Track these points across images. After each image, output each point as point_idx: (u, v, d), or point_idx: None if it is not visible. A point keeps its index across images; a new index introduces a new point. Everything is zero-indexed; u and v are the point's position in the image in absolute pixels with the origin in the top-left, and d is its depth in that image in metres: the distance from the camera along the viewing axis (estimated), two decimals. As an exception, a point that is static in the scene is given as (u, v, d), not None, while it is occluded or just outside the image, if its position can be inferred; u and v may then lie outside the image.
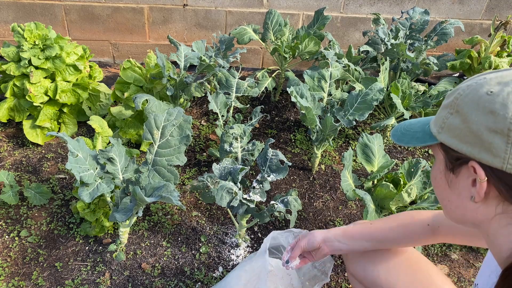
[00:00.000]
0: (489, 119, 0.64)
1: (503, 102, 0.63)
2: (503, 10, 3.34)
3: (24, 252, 1.94)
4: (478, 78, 0.71)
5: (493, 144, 0.64)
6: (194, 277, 1.90)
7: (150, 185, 1.74)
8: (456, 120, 0.69)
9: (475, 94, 0.67)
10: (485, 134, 0.65)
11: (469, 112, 0.67)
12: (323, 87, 2.44)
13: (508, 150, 0.63)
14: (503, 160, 0.63)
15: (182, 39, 3.22)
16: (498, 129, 0.63)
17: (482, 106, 0.65)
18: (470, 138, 0.67)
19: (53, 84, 2.41)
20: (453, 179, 0.74)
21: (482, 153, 0.66)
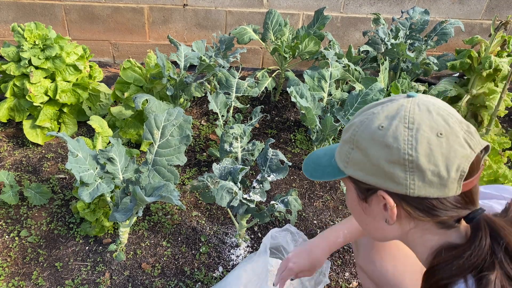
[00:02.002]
0: (386, 152, 0.70)
1: (394, 135, 0.69)
2: (503, 10, 3.34)
3: (24, 252, 1.94)
4: (368, 112, 0.75)
5: (394, 174, 0.70)
6: (194, 277, 1.90)
7: (150, 185, 1.74)
8: (357, 155, 0.74)
9: (369, 130, 0.73)
10: (385, 166, 0.70)
11: (367, 147, 0.72)
12: (323, 87, 2.44)
13: (408, 177, 0.69)
14: (406, 187, 0.70)
15: (182, 39, 3.22)
16: (395, 160, 0.69)
17: (377, 141, 0.71)
18: (374, 171, 0.72)
19: (53, 84, 2.41)
20: (367, 207, 0.79)
21: (387, 183, 0.71)
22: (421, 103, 0.71)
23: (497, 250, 0.69)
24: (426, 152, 0.68)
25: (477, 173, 0.72)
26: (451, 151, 0.68)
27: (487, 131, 2.67)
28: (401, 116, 0.70)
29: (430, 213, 0.72)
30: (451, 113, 0.71)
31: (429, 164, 0.68)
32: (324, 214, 2.26)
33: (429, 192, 0.69)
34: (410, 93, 0.75)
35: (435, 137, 0.68)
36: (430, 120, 0.69)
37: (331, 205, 2.33)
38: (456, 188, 0.70)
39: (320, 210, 2.29)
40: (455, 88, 2.84)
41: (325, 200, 2.35)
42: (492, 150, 2.10)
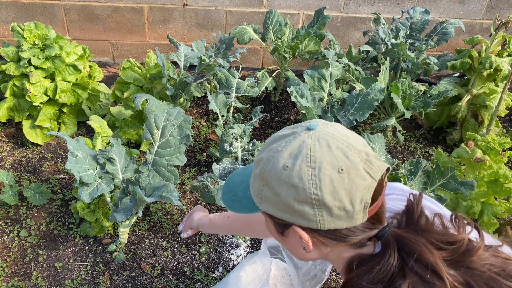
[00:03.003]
0: (293, 192, 0.72)
1: (299, 175, 0.71)
2: (504, 10, 3.34)
3: (24, 252, 1.94)
4: (273, 148, 0.76)
5: (304, 211, 0.72)
6: (194, 277, 1.90)
7: (150, 185, 1.74)
8: (268, 192, 0.76)
9: (275, 169, 0.74)
10: (295, 204, 0.73)
11: (276, 187, 0.74)
12: (323, 87, 2.43)
13: (317, 214, 0.72)
14: (316, 222, 0.73)
15: (182, 39, 3.22)
16: (303, 199, 0.71)
17: (284, 181, 0.73)
18: (285, 209, 0.74)
19: (52, 84, 2.41)
20: (285, 238, 0.83)
21: (299, 220, 0.74)
22: (321, 137, 0.73)
23: (407, 259, 0.73)
24: (330, 189, 0.70)
25: (381, 195, 0.76)
26: (353, 185, 0.71)
27: (487, 131, 2.67)
28: (303, 155, 0.72)
29: (342, 240, 0.76)
30: (351, 144, 0.73)
31: (334, 201, 0.71)
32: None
33: (338, 224, 0.73)
34: (310, 124, 0.76)
35: (337, 174, 0.70)
36: (331, 156, 0.71)
37: (331, 205, 2.32)
38: (363, 217, 0.73)
39: (320, 210, 2.28)
40: (456, 88, 2.84)
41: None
42: (493, 150, 2.09)
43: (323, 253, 0.82)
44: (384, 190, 0.77)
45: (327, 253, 0.82)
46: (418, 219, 0.78)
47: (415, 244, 0.73)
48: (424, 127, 3.02)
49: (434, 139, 2.95)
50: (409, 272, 0.72)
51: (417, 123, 3.08)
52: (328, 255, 0.83)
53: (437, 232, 0.76)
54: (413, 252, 0.73)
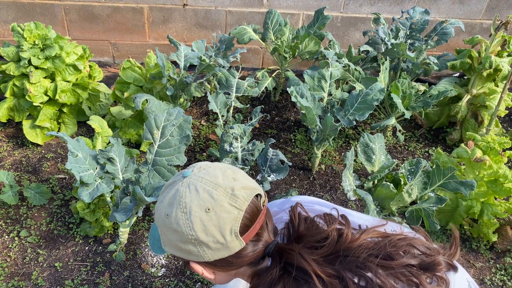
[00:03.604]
0: (176, 236, 0.82)
1: (176, 221, 0.81)
2: (504, 10, 3.34)
3: (24, 252, 1.94)
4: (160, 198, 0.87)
5: (189, 250, 0.82)
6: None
7: (150, 185, 1.74)
8: (164, 236, 0.86)
9: (161, 218, 0.84)
10: (181, 245, 0.83)
11: (165, 233, 0.85)
12: (323, 87, 2.43)
13: (200, 250, 0.81)
14: (203, 257, 0.82)
15: (182, 39, 3.22)
16: (185, 240, 0.81)
17: (168, 227, 0.83)
18: (177, 249, 0.84)
19: (52, 84, 2.41)
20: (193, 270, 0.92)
21: (190, 256, 0.84)
22: (191, 183, 0.83)
23: (288, 267, 0.83)
24: (201, 228, 0.80)
25: (258, 219, 0.84)
26: (220, 220, 0.80)
27: (487, 131, 2.67)
28: (177, 202, 0.81)
29: (233, 265, 0.86)
30: (217, 184, 0.82)
31: (208, 237, 0.80)
32: (324, 214, 2.26)
33: (220, 255, 0.82)
34: (185, 171, 0.86)
35: (205, 214, 0.80)
36: (198, 199, 0.80)
37: (331, 205, 2.32)
38: (239, 243, 0.82)
39: (320, 210, 2.28)
40: (455, 88, 2.84)
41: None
42: (493, 150, 2.10)
43: (231, 275, 0.93)
44: (263, 213, 0.86)
45: (234, 274, 0.92)
46: (298, 227, 0.88)
47: (290, 253, 0.83)
48: (424, 127, 3.03)
49: (434, 139, 2.96)
50: (286, 276, 0.82)
51: (417, 123, 3.08)
52: (237, 275, 0.93)
53: (312, 234, 0.85)
54: (290, 260, 0.83)
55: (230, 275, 0.93)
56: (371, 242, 0.81)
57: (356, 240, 0.81)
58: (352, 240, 0.81)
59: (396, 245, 0.80)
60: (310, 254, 0.82)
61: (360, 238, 0.81)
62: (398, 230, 0.87)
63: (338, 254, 0.81)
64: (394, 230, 0.87)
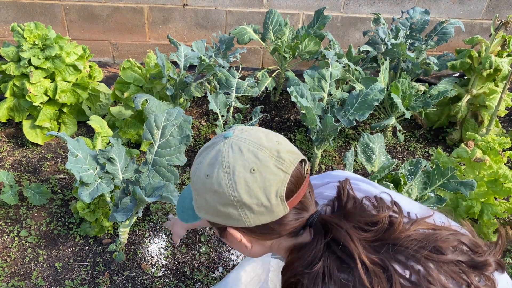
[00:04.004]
0: (217, 197, 0.79)
1: (217, 182, 0.78)
2: (504, 10, 3.34)
3: (24, 252, 1.94)
4: (197, 161, 0.84)
5: (230, 213, 0.79)
6: (194, 277, 1.90)
7: (150, 185, 1.74)
8: (200, 200, 0.83)
9: (200, 179, 0.81)
10: (221, 208, 0.79)
11: (203, 195, 0.81)
12: (323, 87, 2.43)
13: (241, 214, 0.78)
14: (243, 221, 0.79)
15: (182, 39, 3.22)
16: (226, 202, 0.78)
17: (208, 188, 0.80)
18: (215, 213, 0.81)
19: (52, 84, 2.41)
20: (227, 240, 0.90)
21: (229, 221, 0.81)
22: (234, 143, 0.80)
23: (332, 244, 0.79)
24: (245, 190, 0.77)
25: (302, 185, 0.81)
26: (266, 181, 0.77)
27: (487, 131, 2.67)
28: (219, 162, 0.79)
29: (273, 233, 0.83)
30: (262, 145, 0.79)
31: (252, 199, 0.77)
32: (324, 214, 2.26)
33: (263, 220, 0.79)
34: (226, 133, 0.82)
35: (250, 174, 0.77)
36: (242, 160, 0.77)
37: (331, 205, 2.32)
38: (284, 208, 0.79)
39: (320, 210, 2.29)
40: (455, 88, 2.84)
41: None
42: (493, 150, 2.09)
43: (266, 247, 0.89)
44: (306, 180, 0.82)
45: (270, 246, 0.88)
46: (346, 204, 0.84)
47: (337, 230, 0.79)
48: (424, 127, 3.03)
49: (434, 139, 2.96)
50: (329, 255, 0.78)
51: (417, 123, 3.08)
52: (272, 247, 0.89)
53: (362, 214, 0.81)
54: (336, 237, 0.78)
55: (266, 246, 0.89)
56: (421, 234, 0.77)
57: (406, 230, 0.77)
58: (403, 230, 0.77)
59: (447, 240, 0.76)
60: (358, 235, 0.77)
61: (411, 229, 0.77)
62: (446, 223, 0.83)
63: (385, 243, 0.76)
64: (443, 222, 0.83)
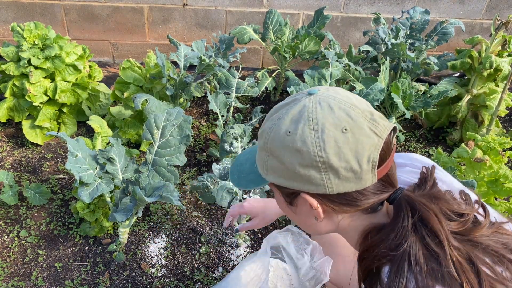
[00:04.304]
0: (298, 157, 0.71)
1: (302, 139, 0.70)
2: (504, 10, 3.34)
3: (24, 252, 1.94)
4: (275, 117, 0.76)
5: (310, 176, 0.71)
6: (194, 277, 1.89)
7: (150, 185, 1.74)
8: (273, 161, 0.75)
9: (278, 137, 0.73)
10: (300, 170, 0.71)
11: (280, 154, 0.73)
12: (323, 87, 2.43)
13: (324, 178, 0.70)
14: (324, 187, 0.71)
15: (182, 38, 3.21)
16: (308, 163, 0.70)
17: (288, 147, 0.71)
18: (292, 176, 0.73)
19: (52, 84, 2.41)
20: (295, 209, 0.81)
21: (306, 186, 0.73)
22: (322, 100, 0.72)
23: (418, 225, 0.71)
24: (335, 150, 0.69)
25: (390, 156, 0.74)
26: (359, 144, 0.69)
27: (487, 131, 2.66)
28: (305, 118, 0.71)
29: (353, 205, 0.74)
30: (353, 105, 0.71)
31: (341, 162, 0.69)
32: (324, 214, 2.26)
33: (347, 187, 0.71)
34: (310, 89, 0.74)
35: (341, 134, 0.68)
36: (333, 117, 0.69)
37: (331, 205, 2.32)
38: (372, 177, 0.71)
39: (320, 210, 2.28)
40: (456, 88, 2.83)
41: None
42: (493, 150, 2.09)
43: (334, 222, 0.80)
44: (393, 152, 0.75)
45: (338, 222, 0.80)
46: (431, 188, 0.77)
47: (426, 210, 0.71)
48: (424, 127, 3.02)
49: (434, 139, 2.95)
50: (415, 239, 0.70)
51: (417, 123, 3.07)
52: (340, 224, 0.80)
53: (448, 201, 0.74)
54: (423, 218, 0.71)
55: (335, 222, 0.80)
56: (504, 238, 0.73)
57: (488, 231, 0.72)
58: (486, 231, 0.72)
59: None
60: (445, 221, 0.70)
61: (493, 231, 0.72)
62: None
63: (467, 238, 0.70)
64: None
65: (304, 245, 1.62)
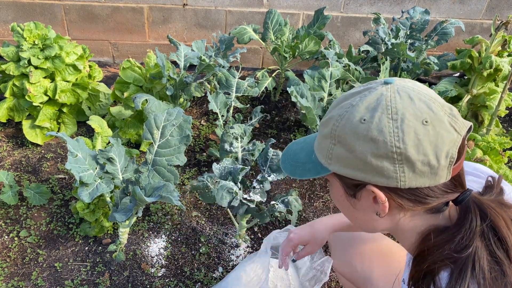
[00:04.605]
0: (372, 146, 0.67)
1: (378, 128, 0.67)
2: (504, 9, 3.34)
3: (24, 252, 1.94)
4: (345, 104, 0.72)
5: (383, 168, 0.68)
6: (194, 277, 1.89)
7: (150, 185, 1.74)
8: (341, 150, 0.71)
9: (351, 124, 0.69)
10: (372, 160, 0.68)
11: (351, 142, 0.69)
12: (323, 87, 2.43)
13: (398, 170, 0.67)
14: (396, 180, 0.68)
15: (182, 38, 3.21)
16: (383, 153, 0.67)
17: (361, 134, 0.68)
18: (361, 166, 0.69)
19: (52, 84, 2.41)
20: (356, 202, 0.77)
21: (376, 177, 0.69)
22: (401, 89, 0.69)
23: (485, 229, 0.68)
24: (414, 142, 0.66)
25: (463, 155, 0.72)
26: (439, 137, 0.66)
27: (487, 131, 2.66)
28: (383, 107, 0.68)
29: (421, 202, 0.71)
30: (433, 98, 0.69)
31: (419, 155, 0.66)
32: (324, 214, 2.26)
33: (420, 182, 0.68)
34: (387, 79, 0.71)
35: (421, 126, 0.66)
36: (414, 108, 0.67)
37: (331, 205, 2.32)
38: (447, 174, 0.69)
39: (320, 210, 2.28)
40: (456, 88, 2.83)
41: (325, 200, 2.35)
42: (493, 150, 2.09)
43: (394, 220, 0.76)
44: (465, 151, 0.72)
45: (399, 220, 0.76)
46: (498, 196, 0.74)
47: (496, 216, 0.68)
48: (424, 127, 3.02)
49: (434, 139, 2.95)
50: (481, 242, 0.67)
51: (417, 123, 3.07)
52: (400, 222, 0.76)
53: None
54: (493, 223, 0.68)
55: (394, 221, 0.76)
56: None
57: None
58: None
59: None
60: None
61: None
62: None
63: None
64: None
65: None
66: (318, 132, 0.79)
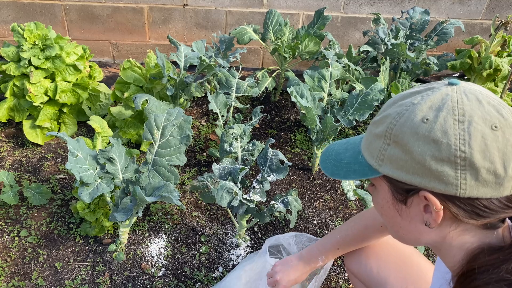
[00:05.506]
0: (433, 148, 0.63)
1: (443, 129, 0.62)
2: (503, 10, 3.34)
3: (24, 252, 1.94)
4: (405, 103, 0.68)
5: (442, 172, 0.63)
6: (194, 277, 1.90)
7: (150, 185, 1.74)
8: (396, 151, 0.67)
9: (410, 123, 0.65)
10: (431, 163, 0.63)
11: (409, 143, 0.65)
12: (323, 87, 2.43)
13: (459, 176, 0.62)
14: (456, 187, 0.63)
15: (182, 39, 3.22)
16: (445, 157, 0.62)
17: (422, 135, 0.64)
18: (417, 169, 0.65)
19: (53, 84, 2.41)
20: (404, 209, 0.72)
21: (433, 183, 0.64)
22: (468, 91, 0.64)
23: None
24: (481, 147, 0.61)
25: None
26: (508, 145, 0.61)
27: (487, 131, 2.67)
28: (449, 107, 0.63)
29: (479, 214, 0.65)
30: (502, 103, 0.64)
31: (484, 161, 0.61)
32: (324, 214, 2.26)
33: (482, 192, 0.62)
34: (451, 80, 0.67)
35: (490, 131, 0.61)
36: (482, 112, 0.62)
37: (331, 205, 2.33)
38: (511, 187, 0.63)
39: (320, 210, 2.29)
40: (455, 88, 2.84)
41: (325, 200, 2.35)
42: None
43: (442, 233, 0.70)
44: None
45: (448, 233, 0.69)
46: None
47: None
48: (424, 127, 3.02)
49: (434, 139, 2.95)
50: None
51: (417, 123, 3.08)
52: (449, 236, 0.70)
53: None
54: None
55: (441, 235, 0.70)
56: None
57: None
58: None
59: None
60: None
61: None
62: None
63: None
64: None
65: (307, 243, 1.62)
66: (367, 131, 0.75)
